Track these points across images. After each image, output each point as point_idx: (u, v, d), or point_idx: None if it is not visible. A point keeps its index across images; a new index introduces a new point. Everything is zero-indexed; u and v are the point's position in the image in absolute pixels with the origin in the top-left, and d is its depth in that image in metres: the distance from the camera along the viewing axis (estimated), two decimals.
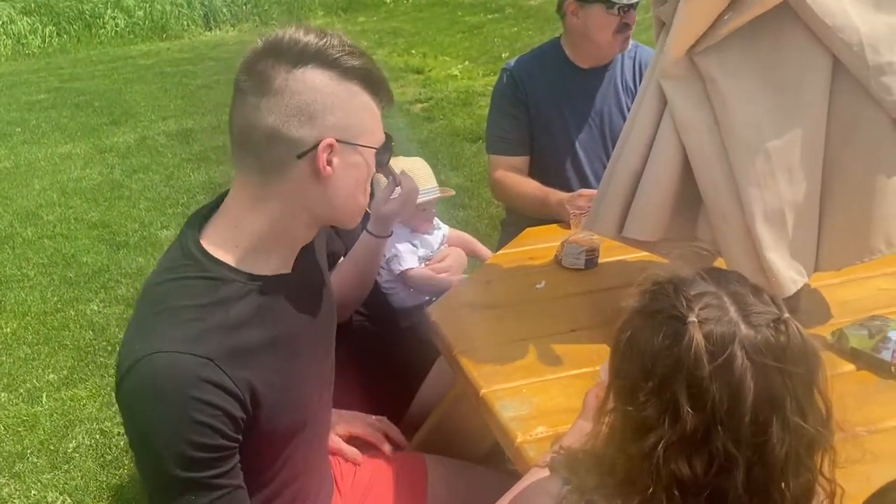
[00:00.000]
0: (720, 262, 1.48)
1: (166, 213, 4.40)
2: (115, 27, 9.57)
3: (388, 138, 1.17)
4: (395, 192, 1.69)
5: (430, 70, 7.21)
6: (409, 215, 1.89)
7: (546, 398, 1.40)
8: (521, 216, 2.40)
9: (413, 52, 7.99)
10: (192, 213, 1.20)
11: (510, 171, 2.42)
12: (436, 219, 2.22)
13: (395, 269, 2.05)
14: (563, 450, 1.01)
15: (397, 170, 1.81)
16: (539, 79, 2.38)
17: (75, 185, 4.91)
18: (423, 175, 1.91)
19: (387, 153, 1.18)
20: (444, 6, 10.53)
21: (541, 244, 2.03)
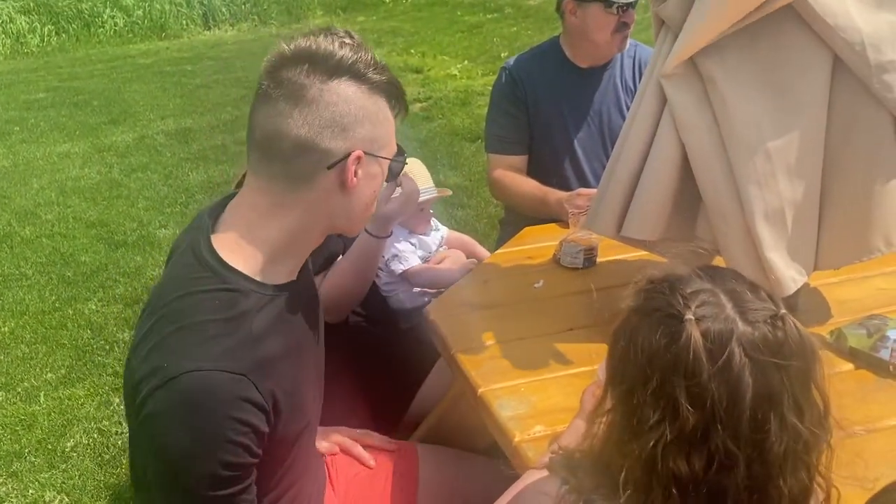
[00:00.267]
0: (719, 262, 1.48)
1: (165, 212, 4.39)
2: (114, 26, 9.56)
3: (401, 149, 1.19)
4: (395, 192, 1.69)
5: (429, 69, 7.21)
6: (409, 216, 1.89)
7: (544, 397, 1.40)
8: (519, 215, 2.40)
9: (412, 51, 7.99)
10: (197, 214, 1.19)
11: (509, 170, 2.42)
12: (434, 220, 2.21)
13: (396, 269, 2.05)
14: (560, 450, 1.01)
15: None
16: (538, 78, 2.38)
17: (74, 184, 4.90)
18: (420, 175, 1.92)
19: (401, 163, 1.20)
20: (444, 6, 10.52)
21: (539, 243, 2.03)
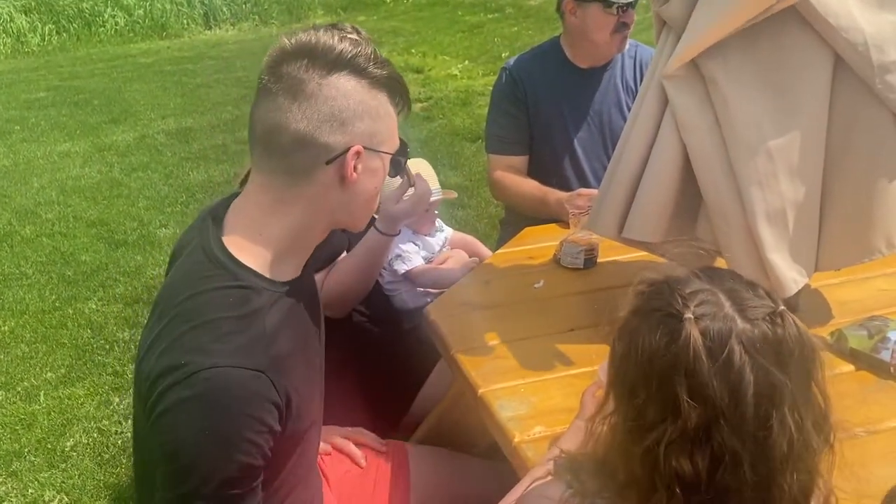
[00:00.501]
0: (720, 263, 1.48)
1: (165, 211, 4.39)
2: (115, 25, 9.55)
3: (404, 144, 1.19)
4: (408, 192, 1.70)
5: (429, 69, 7.20)
6: (418, 216, 1.90)
7: (544, 398, 1.39)
8: (519, 215, 2.40)
9: (413, 51, 7.99)
10: (199, 215, 1.19)
11: (509, 170, 2.42)
12: (438, 221, 2.21)
13: (400, 269, 2.05)
14: (562, 453, 1.00)
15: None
16: (538, 78, 2.38)
17: (74, 183, 4.90)
18: (427, 176, 1.92)
19: (402, 158, 1.19)
20: (444, 5, 10.52)
21: (540, 243, 2.02)
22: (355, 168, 1.08)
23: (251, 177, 1.12)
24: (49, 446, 2.56)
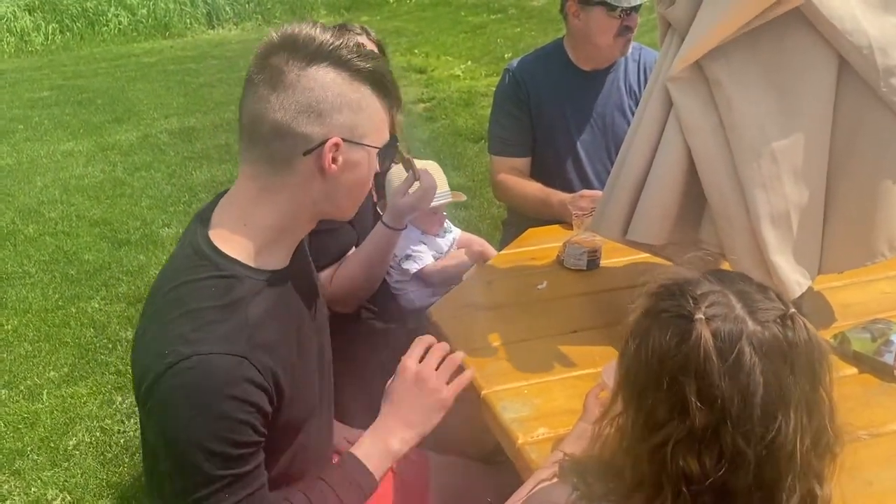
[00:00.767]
0: (724, 265, 1.48)
1: (168, 211, 4.40)
2: (119, 25, 9.57)
3: (393, 138, 1.18)
4: (413, 186, 1.70)
5: (432, 70, 7.21)
6: (424, 212, 1.90)
7: (547, 399, 1.39)
8: (522, 217, 2.40)
9: (416, 51, 7.99)
10: (195, 212, 1.21)
11: (512, 172, 2.41)
12: (447, 222, 2.22)
13: (411, 268, 2.05)
14: (567, 457, 1.00)
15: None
16: (541, 80, 2.38)
17: (77, 182, 4.91)
18: (436, 178, 1.93)
19: (390, 153, 1.19)
20: (447, 6, 10.53)
21: (543, 245, 2.03)
22: (335, 160, 1.09)
23: (239, 168, 1.15)
24: (52, 445, 2.57)
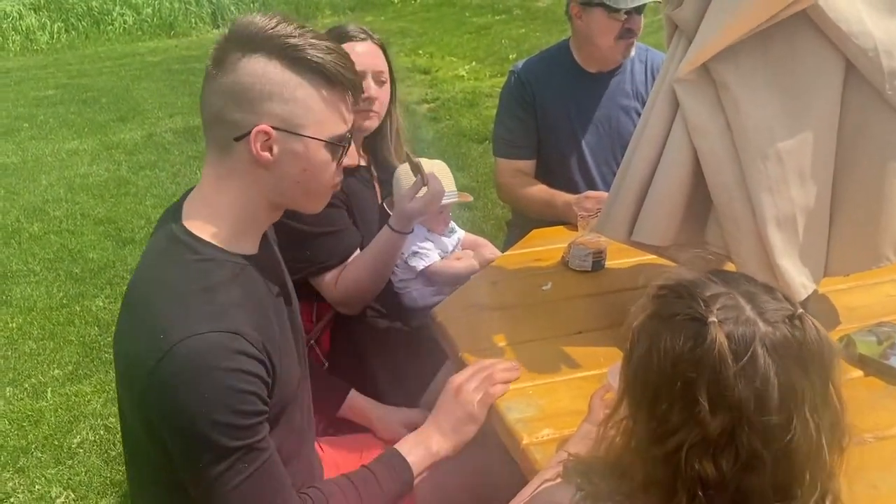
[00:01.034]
0: (729, 267, 1.48)
1: None
2: (123, 24, 9.60)
3: (345, 132, 1.16)
4: (421, 190, 1.70)
5: (436, 70, 7.21)
6: (432, 216, 1.91)
7: (552, 400, 1.39)
8: (527, 218, 2.40)
9: (420, 52, 7.99)
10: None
11: (517, 174, 2.41)
12: (452, 223, 2.22)
13: (418, 265, 2.05)
14: (572, 457, 1.00)
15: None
16: (546, 81, 2.37)
17: (82, 181, 4.92)
18: (443, 177, 1.94)
19: (340, 146, 1.17)
20: (452, 7, 10.53)
21: (547, 246, 2.03)
22: (269, 149, 1.10)
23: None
24: (56, 443, 2.57)
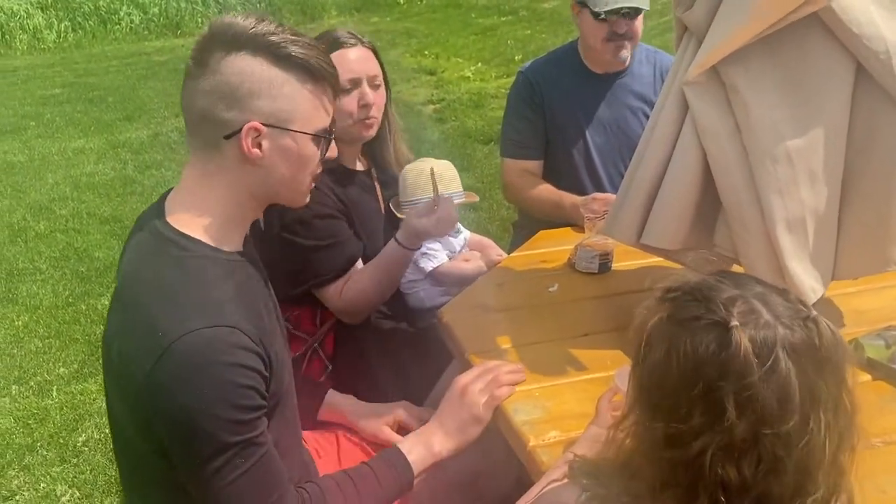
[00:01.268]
0: (737, 270, 1.47)
1: None
2: (130, 23, 9.62)
3: (331, 126, 1.18)
4: (432, 212, 1.71)
5: (442, 71, 7.21)
6: (441, 236, 1.90)
7: (559, 402, 1.39)
8: (533, 219, 2.39)
9: (426, 53, 7.99)
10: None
11: (524, 174, 2.41)
12: (458, 224, 2.22)
13: (426, 266, 2.05)
14: (578, 458, 1.00)
15: (427, 172, 1.83)
16: (555, 82, 2.37)
17: (88, 179, 4.93)
18: (450, 177, 1.94)
19: (327, 140, 1.19)
20: (458, 8, 10.53)
21: (554, 247, 2.02)
22: (258, 145, 1.11)
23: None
24: (61, 441, 2.58)
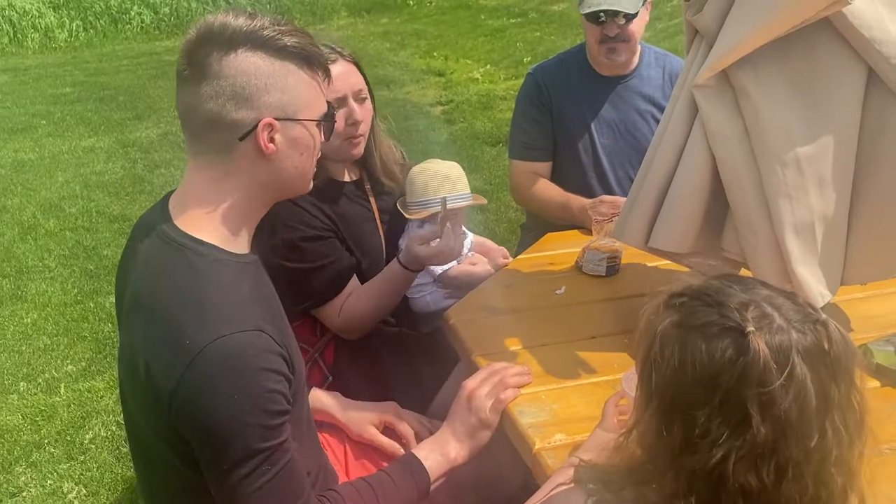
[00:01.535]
0: (744, 273, 1.47)
1: None
2: (141, 23, 9.67)
3: (330, 107, 1.20)
4: (434, 242, 1.71)
5: (451, 73, 7.21)
6: (441, 265, 1.90)
7: (565, 405, 1.39)
8: (540, 221, 2.39)
9: (435, 54, 7.99)
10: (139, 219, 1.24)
11: (532, 176, 2.41)
12: (462, 226, 2.22)
13: (437, 270, 2.05)
14: (583, 462, 0.99)
15: (434, 173, 1.82)
16: (563, 84, 2.37)
17: (98, 178, 4.95)
18: (458, 179, 1.93)
19: (330, 122, 1.20)
20: (467, 9, 10.53)
21: (561, 249, 2.02)
22: (272, 140, 1.11)
23: (187, 161, 1.17)
24: (68, 438, 2.59)
